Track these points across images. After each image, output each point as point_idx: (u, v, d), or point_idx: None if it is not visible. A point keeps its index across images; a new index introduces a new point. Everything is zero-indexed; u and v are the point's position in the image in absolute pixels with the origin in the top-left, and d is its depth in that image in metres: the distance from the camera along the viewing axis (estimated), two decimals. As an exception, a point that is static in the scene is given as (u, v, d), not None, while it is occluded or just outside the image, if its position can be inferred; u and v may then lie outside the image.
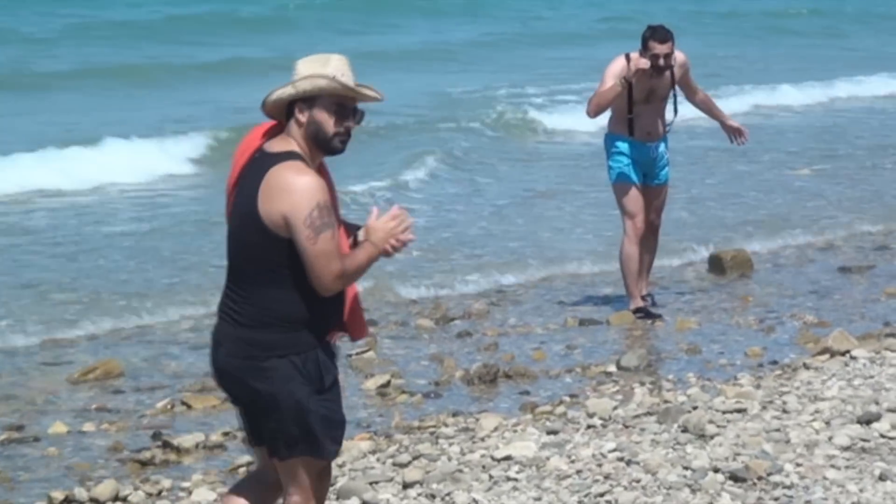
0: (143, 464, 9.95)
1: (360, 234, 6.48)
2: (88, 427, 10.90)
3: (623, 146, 13.06)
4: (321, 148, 6.37)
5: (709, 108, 13.90)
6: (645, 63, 12.48)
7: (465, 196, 22.85)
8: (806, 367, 11.83)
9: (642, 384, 11.64)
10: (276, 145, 6.35)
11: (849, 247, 17.30)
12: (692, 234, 15.01)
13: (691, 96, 13.58)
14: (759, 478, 8.94)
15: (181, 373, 12.47)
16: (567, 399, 11.29)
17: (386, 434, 10.54)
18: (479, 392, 11.86)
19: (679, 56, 13.11)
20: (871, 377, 11.32)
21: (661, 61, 12.72)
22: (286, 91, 6.31)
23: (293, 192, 6.12)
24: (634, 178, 13.08)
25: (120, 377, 12.24)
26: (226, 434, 10.56)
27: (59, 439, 10.65)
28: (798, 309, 14.07)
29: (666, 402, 10.97)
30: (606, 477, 9.10)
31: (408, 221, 6.44)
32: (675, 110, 13.75)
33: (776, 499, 8.66)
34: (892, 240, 17.73)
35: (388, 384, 11.83)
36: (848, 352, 12.13)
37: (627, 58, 12.78)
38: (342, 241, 6.41)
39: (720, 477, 8.98)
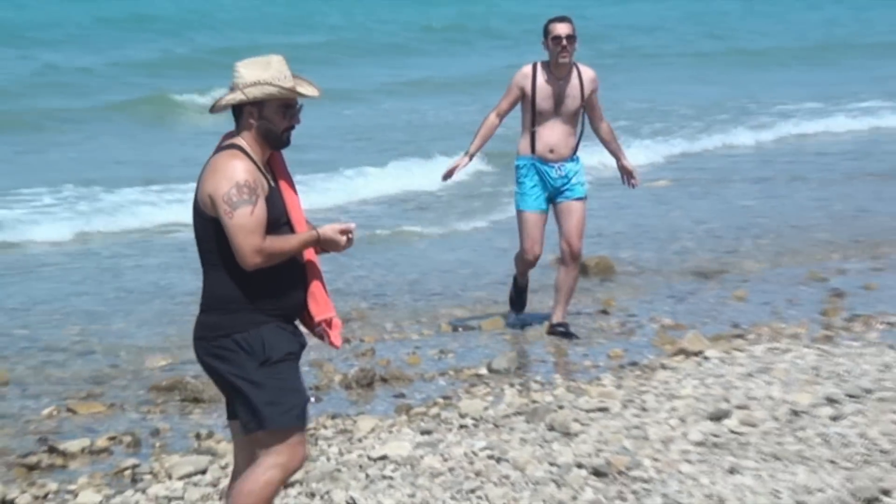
0: (30, 468, 9.93)
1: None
2: None
3: (526, 166, 12.32)
4: (272, 144, 6.79)
5: (610, 141, 12.84)
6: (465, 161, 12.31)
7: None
8: (663, 367, 12.06)
9: (512, 385, 11.69)
10: (224, 141, 6.81)
11: (703, 252, 17.59)
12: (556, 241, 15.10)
13: (596, 122, 12.55)
14: (620, 472, 9.07)
15: (66, 379, 12.39)
16: (440, 401, 11.35)
17: None
18: (356, 396, 11.90)
19: (589, 71, 12.34)
20: (722, 376, 11.57)
21: (565, 42, 11.85)
22: (236, 97, 6.65)
23: (217, 173, 6.52)
24: (535, 206, 12.36)
25: (5, 385, 12.16)
26: (111, 438, 10.57)
27: None
28: (656, 312, 14.32)
29: (534, 402, 11.06)
30: (477, 474, 9.18)
31: (348, 229, 6.85)
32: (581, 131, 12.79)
33: (635, 492, 8.79)
34: (741, 245, 18.16)
35: None
36: (701, 352, 12.39)
37: (534, 66, 12.13)
38: (295, 218, 6.89)
39: (583, 472, 9.08)
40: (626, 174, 12.87)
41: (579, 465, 9.22)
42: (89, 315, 14.69)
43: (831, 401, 10.65)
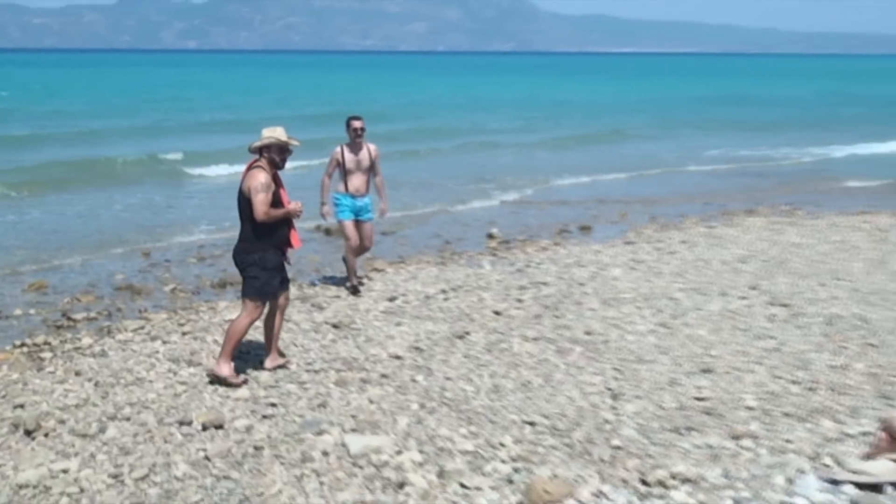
0: (58, 327, 10.20)
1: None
2: (34, 311, 10.92)
3: (341, 198, 11.14)
4: (275, 167, 7.81)
5: (380, 188, 11.49)
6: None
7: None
8: (367, 278, 12.18)
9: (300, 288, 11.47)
10: (255, 164, 7.75)
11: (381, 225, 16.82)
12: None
13: (376, 175, 11.33)
14: (346, 325, 9.74)
15: (77, 284, 12.20)
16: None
17: (173, 311, 10.74)
18: (218, 291, 11.91)
19: (372, 146, 11.16)
20: (395, 281, 11.93)
21: (359, 131, 10.89)
22: (259, 143, 7.77)
23: (254, 178, 7.62)
24: (349, 217, 11.17)
25: (46, 288, 11.97)
26: (98, 313, 10.79)
27: (26, 317, 10.68)
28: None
29: (307, 295, 11.36)
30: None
31: (300, 207, 7.90)
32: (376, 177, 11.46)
33: (352, 334, 9.43)
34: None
35: (174, 289, 11.93)
36: (384, 270, 12.63)
37: (342, 147, 11.05)
38: (284, 201, 7.85)
39: (328, 325, 9.79)
40: (382, 210, 11.69)
41: (326, 322, 9.90)
42: (90, 250, 14.28)
43: (443, 290, 11.33)
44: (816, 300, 10.67)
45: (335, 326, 9.75)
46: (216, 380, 7.92)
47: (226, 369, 7.93)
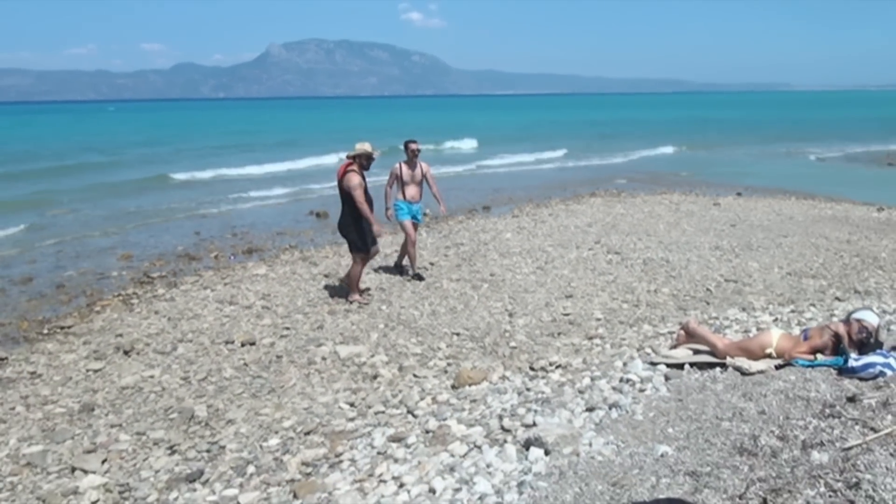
0: (141, 283, 9.79)
1: None
2: (125, 273, 10.42)
3: (401, 204, 9.19)
4: (365, 168, 7.76)
5: (438, 196, 9.38)
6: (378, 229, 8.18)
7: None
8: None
9: (294, 252, 11.46)
10: (350, 167, 7.67)
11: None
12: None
13: (431, 187, 9.35)
14: (335, 275, 9.20)
15: (156, 255, 11.61)
16: (274, 256, 10.98)
17: (217, 269, 10.29)
18: (245, 256, 11.31)
19: (424, 164, 9.31)
20: None
21: (416, 151, 9.11)
22: (352, 153, 7.70)
23: (351, 180, 7.59)
24: (406, 217, 9.18)
25: (132, 258, 11.42)
26: (167, 272, 10.35)
27: (120, 277, 10.20)
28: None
29: (305, 257, 10.89)
30: (288, 277, 9.33)
31: (381, 229, 7.90)
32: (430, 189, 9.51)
33: (337, 280, 8.96)
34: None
35: (217, 255, 11.41)
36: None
37: (400, 164, 9.19)
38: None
39: (322, 275, 9.28)
40: (442, 210, 9.58)
41: (320, 273, 9.43)
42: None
43: (396, 250, 10.49)
44: (636, 249, 10.65)
45: (326, 276, 9.43)
46: (352, 303, 8.00)
47: (355, 297, 8.07)
